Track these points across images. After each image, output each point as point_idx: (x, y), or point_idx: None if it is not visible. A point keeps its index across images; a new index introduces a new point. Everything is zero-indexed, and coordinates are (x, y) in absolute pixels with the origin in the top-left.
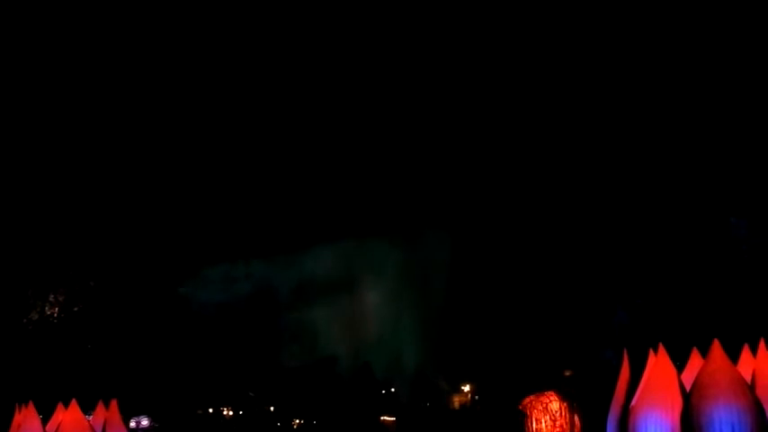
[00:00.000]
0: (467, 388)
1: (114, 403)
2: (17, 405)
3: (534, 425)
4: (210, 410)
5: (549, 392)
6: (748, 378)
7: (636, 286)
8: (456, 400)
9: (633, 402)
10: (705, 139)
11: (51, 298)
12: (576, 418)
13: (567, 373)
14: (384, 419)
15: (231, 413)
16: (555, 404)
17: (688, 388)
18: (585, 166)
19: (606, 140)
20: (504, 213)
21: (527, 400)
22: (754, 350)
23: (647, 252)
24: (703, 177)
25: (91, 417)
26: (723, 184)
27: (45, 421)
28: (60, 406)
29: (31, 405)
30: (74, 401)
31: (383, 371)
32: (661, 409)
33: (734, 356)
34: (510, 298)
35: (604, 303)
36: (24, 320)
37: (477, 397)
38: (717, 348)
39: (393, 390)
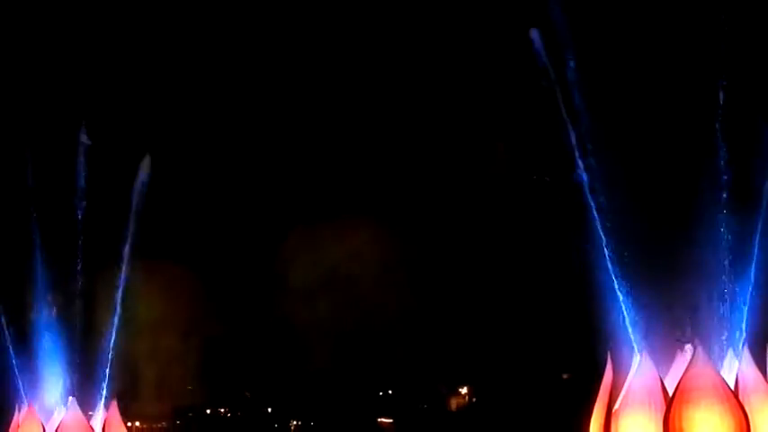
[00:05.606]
0: (464, 390)
1: (114, 404)
2: (17, 405)
3: None
4: (208, 411)
5: None
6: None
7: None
8: (453, 402)
9: (617, 406)
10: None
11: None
12: None
13: (565, 376)
14: (381, 421)
15: (229, 414)
16: None
17: (671, 392)
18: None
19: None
20: (502, 218)
21: None
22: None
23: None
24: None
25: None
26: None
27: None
28: (60, 406)
29: (31, 406)
30: (73, 400)
31: None
32: (644, 412)
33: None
34: (508, 299)
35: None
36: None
37: (474, 399)
38: (699, 353)
39: (390, 391)
